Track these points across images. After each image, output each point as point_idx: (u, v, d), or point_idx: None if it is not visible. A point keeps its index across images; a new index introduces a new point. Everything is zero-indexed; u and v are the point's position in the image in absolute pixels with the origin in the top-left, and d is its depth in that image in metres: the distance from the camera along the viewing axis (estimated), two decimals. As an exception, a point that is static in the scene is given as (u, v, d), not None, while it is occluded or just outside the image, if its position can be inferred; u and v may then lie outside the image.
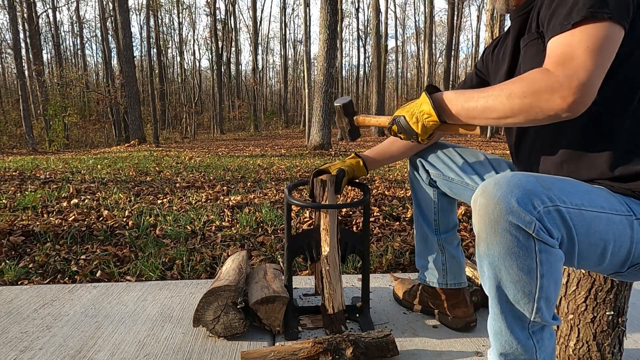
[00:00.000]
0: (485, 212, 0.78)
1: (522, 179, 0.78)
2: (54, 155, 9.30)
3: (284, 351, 1.12)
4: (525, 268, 0.77)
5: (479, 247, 0.81)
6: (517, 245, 0.76)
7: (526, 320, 0.82)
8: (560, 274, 0.80)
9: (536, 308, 0.80)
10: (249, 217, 2.91)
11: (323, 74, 9.54)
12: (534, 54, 0.96)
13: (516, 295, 0.80)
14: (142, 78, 28.70)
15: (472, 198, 0.82)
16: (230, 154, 9.59)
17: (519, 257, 0.77)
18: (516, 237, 0.76)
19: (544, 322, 0.82)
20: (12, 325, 1.39)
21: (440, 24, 36.89)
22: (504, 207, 0.75)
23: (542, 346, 0.85)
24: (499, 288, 0.81)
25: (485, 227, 0.78)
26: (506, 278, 0.79)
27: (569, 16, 0.82)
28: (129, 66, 13.81)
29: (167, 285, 1.74)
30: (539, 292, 0.79)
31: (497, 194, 0.77)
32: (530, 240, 0.76)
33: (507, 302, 0.82)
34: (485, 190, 0.79)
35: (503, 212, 0.75)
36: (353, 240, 1.41)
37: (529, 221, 0.75)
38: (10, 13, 13.75)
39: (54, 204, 3.24)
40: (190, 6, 39.56)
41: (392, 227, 2.78)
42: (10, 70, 30.81)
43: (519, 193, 0.76)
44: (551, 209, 0.77)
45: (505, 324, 0.84)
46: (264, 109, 35.95)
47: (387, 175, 5.46)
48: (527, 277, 0.78)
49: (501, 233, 0.76)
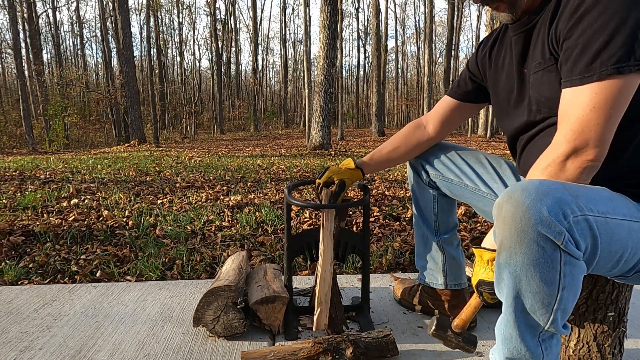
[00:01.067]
0: (512, 220, 0.74)
1: (551, 185, 0.74)
2: (54, 155, 9.30)
3: (284, 351, 1.12)
4: (547, 280, 0.74)
5: (500, 256, 0.78)
6: (542, 256, 0.73)
7: (539, 329, 0.80)
8: (580, 285, 0.77)
9: (552, 319, 0.78)
10: (249, 217, 2.91)
11: (323, 74, 9.54)
12: (551, 80, 0.93)
13: (534, 306, 0.77)
14: (142, 78, 28.72)
15: (495, 203, 0.79)
16: (230, 154, 9.59)
17: (543, 269, 0.74)
18: (543, 249, 0.72)
19: (556, 331, 0.80)
20: (12, 325, 1.39)
21: (440, 24, 36.88)
22: (534, 216, 0.72)
23: (549, 353, 0.83)
24: (517, 297, 0.78)
25: (510, 235, 0.75)
26: (526, 289, 0.76)
27: (590, 67, 0.80)
28: (129, 66, 13.81)
29: (167, 285, 1.73)
30: (557, 304, 0.76)
31: (525, 202, 0.73)
32: (557, 251, 0.73)
33: (522, 311, 0.79)
34: (512, 197, 0.75)
35: (532, 222, 0.72)
36: (353, 240, 1.41)
37: (559, 232, 0.71)
38: (10, 13, 13.75)
39: (54, 204, 3.24)
40: (190, 6, 39.59)
41: (392, 227, 2.78)
42: (10, 70, 30.83)
43: (549, 202, 0.72)
44: (580, 219, 0.73)
45: (517, 332, 0.81)
46: (264, 109, 35.96)
47: (387, 175, 5.45)
48: (548, 289, 0.75)
49: (528, 243, 0.73)
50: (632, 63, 0.77)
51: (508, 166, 1.28)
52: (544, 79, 0.94)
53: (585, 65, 0.81)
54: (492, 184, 1.26)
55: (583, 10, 0.82)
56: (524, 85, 1.03)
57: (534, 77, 0.97)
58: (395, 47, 40.87)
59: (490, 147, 12.92)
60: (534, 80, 0.97)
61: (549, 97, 0.94)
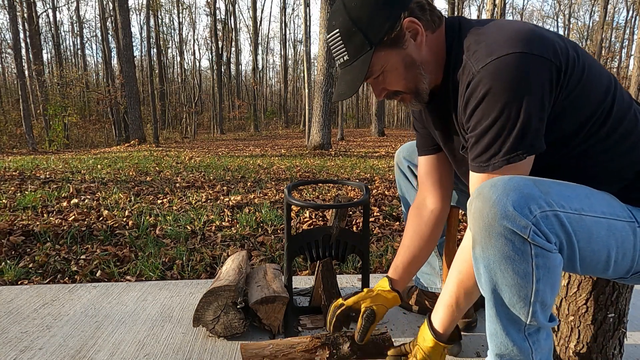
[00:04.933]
0: (480, 216, 0.77)
1: (520, 181, 0.76)
2: (54, 155, 9.30)
3: (282, 344, 1.13)
4: (520, 272, 0.76)
5: (475, 250, 0.81)
6: (512, 249, 0.75)
7: (522, 323, 0.81)
8: (559, 278, 0.79)
9: (532, 312, 0.79)
10: (249, 217, 2.91)
11: (323, 74, 9.54)
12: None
13: (512, 299, 0.79)
14: (142, 78, 28.71)
15: (468, 200, 0.81)
16: (230, 154, 9.59)
17: (514, 262, 0.76)
18: (511, 242, 0.75)
19: (539, 325, 0.81)
20: (12, 325, 1.39)
21: (440, 24, 36.80)
22: (499, 210, 0.74)
23: (538, 347, 0.84)
24: (494, 291, 0.80)
25: (480, 230, 0.77)
26: (502, 281, 0.78)
27: (485, 159, 0.84)
28: (129, 66, 13.81)
29: (167, 285, 1.73)
30: (534, 296, 0.78)
31: (492, 197, 0.75)
32: (526, 244, 0.74)
33: (502, 305, 0.81)
34: (481, 193, 0.78)
35: (498, 216, 0.74)
36: (353, 240, 1.41)
37: (524, 226, 0.73)
38: (10, 13, 13.75)
39: (54, 203, 3.24)
40: (190, 6, 39.58)
41: (392, 227, 2.78)
42: (10, 70, 30.83)
43: (515, 196, 0.74)
44: (549, 214, 0.75)
45: (501, 326, 0.83)
46: (264, 109, 35.95)
47: (387, 175, 5.45)
48: (522, 281, 0.77)
49: (496, 237, 0.76)
50: (521, 151, 0.80)
51: None
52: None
53: (479, 155, 0.84)
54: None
55: (474, 104, 0.83)
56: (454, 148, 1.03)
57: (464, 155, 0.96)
58: (395, 47, 40.76)
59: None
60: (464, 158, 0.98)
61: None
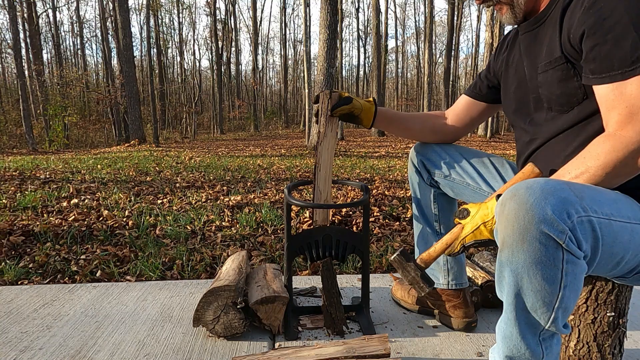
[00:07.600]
0: (515, 218, 0.74)
1: (557, 185, 0.74)
2: (54, 155, 9.30)
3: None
4: (549, 278, 0.74)
5: (502, 253, 0.78)
6: (545, 254, 0.73)
7: (539, 328, 0.80)
8: (582, 284, 0.78)
9: (553, 318, 0.78)
10: (249, 217, 2.91)
11: (323, 74, 9.53)
12: (561, 78, 0.94)
13: (535, 304, 0.78)
14: (142, 78, 28.69)
15: (499, 201, 0.79)
16: (230, 154, 9.59)
17: (545, 267, 0.74)
18: (545, 247, 0.73)
19: (557, 330, 0.80)
20: (12, 325, 1.39)
21: (440, 24, 36.88)
22: (537, 214, 0.72)
23: (549, 352, 0.84)
24: (518, 295, 0.78)
25: (512, 233, 0.75)
26: (527, 287, 0.77)
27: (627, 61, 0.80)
28: (129, 66, 13.80)
29: (167, 285, 1.73)
30: (559, 302, 0.76)
31: (529, 200, 0.73)
32: (559, 250, 0.73)
33: (523, 309, 0.79)
34: (516, 195, 0.75)
35: (535, 220, 0.72)
36: (353, 240, 1.41)
37: (562, 231, 0.71)
38: (10, 13, 13.75)
39: (54, 204, 3.24)
40: (190, 6, 39.50)
41: (392, 227, 2.78)
42: (10, 70, 30.82)
43: (553, 201, 0.72)
44: (584, 220, 0.74)
45: (518, 330, 0.81)
46: (264, 109, 35.95)
47: (387, 175, 5.45)
48: (550, 287, 0.75)
49: (530, 241, 0.73)
50: None
51: (510, 166, 1.28)
52: (554, 77, 0.95)
53: (621, 61, 0.81)
54: (493, 183, 1.27)
55: (603, 4, 0.81)
56: (531, 83, 1.04)
57: (543, 76, 0.98)
58: (395, 47, 40.82)
59: (490, 147, 12.92)
60: (543, 79, 0.98)
61: (560, 95, 0.95)
